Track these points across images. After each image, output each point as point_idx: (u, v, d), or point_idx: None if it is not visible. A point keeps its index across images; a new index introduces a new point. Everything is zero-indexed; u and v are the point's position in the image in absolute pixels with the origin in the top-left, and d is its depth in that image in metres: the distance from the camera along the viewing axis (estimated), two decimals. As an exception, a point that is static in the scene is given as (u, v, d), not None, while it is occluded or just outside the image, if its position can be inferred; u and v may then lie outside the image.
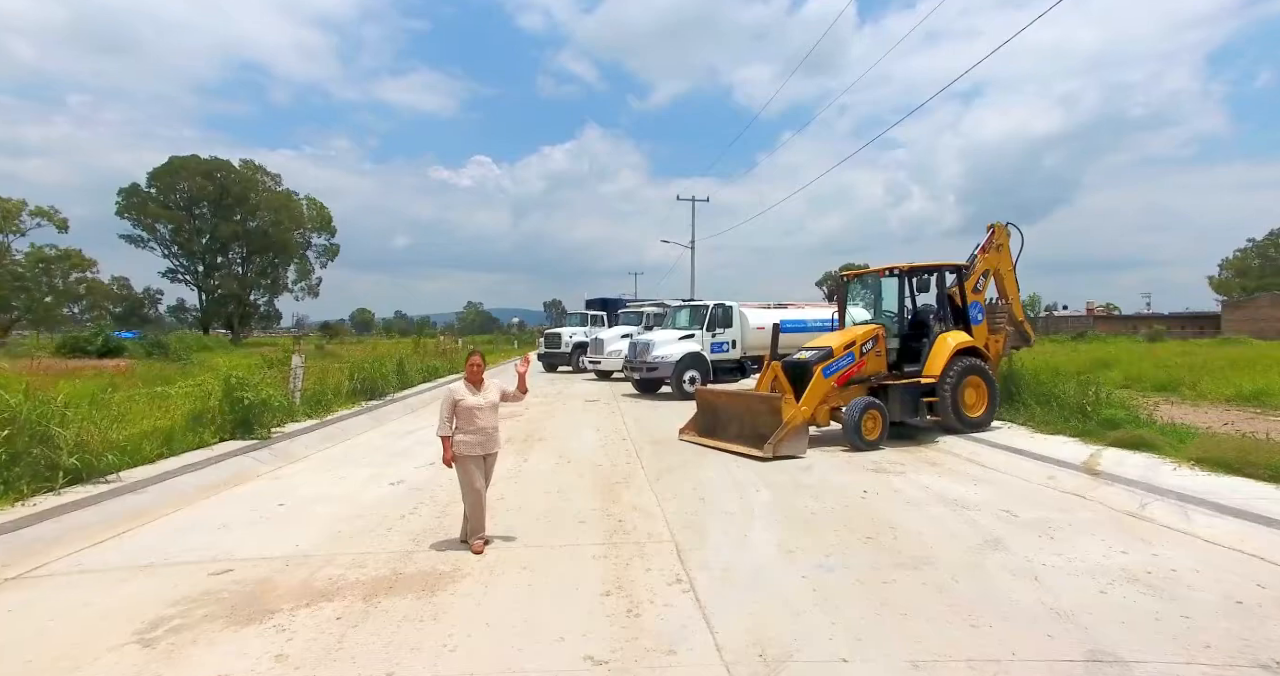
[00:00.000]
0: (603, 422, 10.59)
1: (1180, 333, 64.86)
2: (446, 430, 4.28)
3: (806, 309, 16.27)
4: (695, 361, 14.06)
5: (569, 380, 20.02)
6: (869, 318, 10.25)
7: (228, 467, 6.42)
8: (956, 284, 9.38)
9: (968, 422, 8.47)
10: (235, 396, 7.75)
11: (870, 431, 7.96)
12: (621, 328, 20.19)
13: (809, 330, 15.70)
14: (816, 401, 8.13)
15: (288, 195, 68.11)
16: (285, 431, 8.45)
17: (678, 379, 13.86)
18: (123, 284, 64.47)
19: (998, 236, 10.00)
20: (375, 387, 12.87)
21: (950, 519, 4.85)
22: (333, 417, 9.93)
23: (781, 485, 6.05)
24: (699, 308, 14.84)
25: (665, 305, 20.64)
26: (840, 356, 8.36)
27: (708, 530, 4.63)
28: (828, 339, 8.85)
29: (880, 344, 8.69)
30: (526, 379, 4.66)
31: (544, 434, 9.42)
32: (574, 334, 23.31)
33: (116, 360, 28.44)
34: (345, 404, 11.50)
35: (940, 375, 8.47)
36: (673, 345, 14.10)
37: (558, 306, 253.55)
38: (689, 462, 7.19)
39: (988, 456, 7.24)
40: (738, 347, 14.80)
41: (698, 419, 8.98)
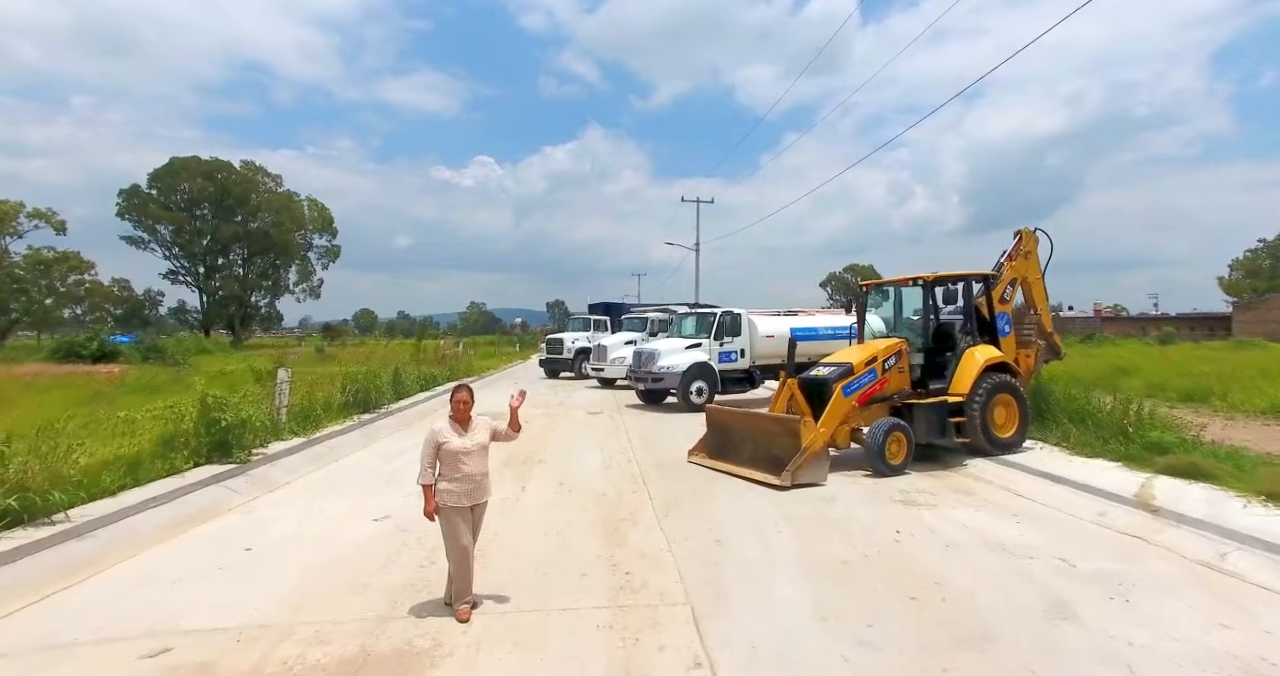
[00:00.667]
0: (606, 440, 10.03)
1: (1190, 334, 64.09)
2: (428, 477, 3.73)
3: (817, 315, 15.69)
4: (702, 372, 13.49)
5: (571, 387, 19.47)
6: (883, 328, 9.69)
7: (196, 500, 5.87)
8: (983, 293, 8.80)
9: (998, 444, 7.88)
10: (212, 418, 7.21)
11: (895, 455, 7.39)
12: (625, 334, 19.63)
13: (820, 338, 15.13)
14: (836, 422, 7.56)
15: (289, 196, 67.75)
16: (268, 452, 7.91)
17: (684, 390, 13.30)
18: (123, 285, 64.14)
19: (1026, 243, 9.42)
20: (369, 400, 12.33)
21: (1001, 571, 4.28)
22: (321, 435, 9.39)
23: (804, 521, 5.49)
24: (706, 315, 14.27)
25: (670, 311, 20.08)
26: (861, 373, 7.78)
27: (727, 587, 4.06)
28: (847, 354, 8.27)
29: (903, 360, 8.11)
30: (520, 414, 4.09)
31: (544, 454, 8.86)
32: (576, 339, 22.76)
33: (110, 366, 27.99)
34: (337, 418, 10.96)
35: (969, 393, 7.89)
36: (679, 355, 13.53)
37: (560, 307, 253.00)
38: (700, 492, 6.62)
39: (1024, 484, 6.66)
40: (746, 357, 14.22)
41: (708, 439, 8.41)
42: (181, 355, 31.81)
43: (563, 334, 23.57)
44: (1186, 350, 37.91)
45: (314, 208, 70.36)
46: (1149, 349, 39.25)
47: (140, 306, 66.12)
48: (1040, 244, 9.62)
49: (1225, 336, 69.83)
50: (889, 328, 9.18)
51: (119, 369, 25.84)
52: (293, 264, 69.51)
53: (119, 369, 25.84)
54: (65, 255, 44.12)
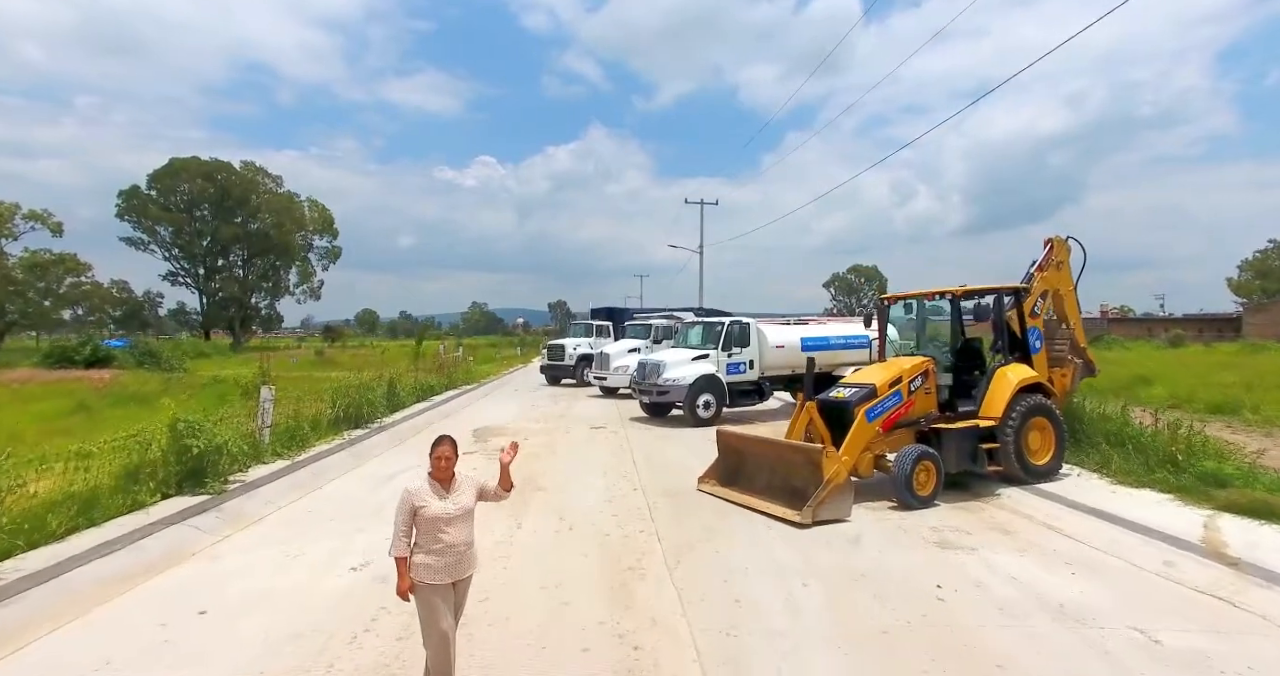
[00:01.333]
0: (609, 461, 9.45)
1: (1199, 336, 63.37)
2: (402, 549, 3.14)
3: (829, 324, 15.10)
4: (710, 384, 12.90)
5: (573, 396, 18.89)
6: (894, 335, 9.09)
7: (155, 544, 5.29)
8: (1013, 306, 8.21)
9: (1033, 472, 7.29)
10: (183, 445, 6.64)
11: (923, 486, 6.80)
12: (628, 342, 19.06)
13: (831, 348, 14.55)
14: (859, 449, 6.97)
15: (289, 197, 67.31)
16: (247, 479, 7.34)
17: (691, 403, 12.71)
18: (122, 287, 63.75)
19: (1057, 253, 8.82)
20: (360, 414, 11.76)
21: (1070, 647, 3.68)
22: (306, 457, 8.82)
23: (831, 573, 4.90)
24: (713, 325, 13.68)
25: (674, 317, 19.51)
26: (886, 396, 7.19)
27: (753, 668, 3.48)
28: (870, 374, 7.67)
29: (930, 380, 7.52)
30: (511, 470, 3.51)
31: (544, 478, 8.28)
32: (578, 345, 22.19)
33: (103, 371, 27.45)
34: (326, 435, 10.41)
35: (1001, 417, 7.29)
36: (685, 366, 12.95)
37: (562, 307, 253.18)
38: (714, 531, 6.04)
39: (1070, 521, 6.06)
40: (755, 368, 13.62)
41: (719, 465, 7.82)
42: (177, 359, 31.32)
43: (564, 340, 23.00)
44: (1199, 354, 37.25)
45: (314, 208, 69.93)
46: (1161, 353, 38.60)
47: (139, 308, 65.71)
48: (1072, 253, 9.04)
49: (1234, 338, 69.02)
50: (917, 345, 8.58)
51: (110, 375, 25.31)
52: (293, 265, 69.07)
53: (110, 375, 25.31)
54: (62, 257, 43.69)
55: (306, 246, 69.35)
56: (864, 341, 15.00)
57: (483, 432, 12.05)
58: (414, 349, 29.04)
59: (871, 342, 15.08)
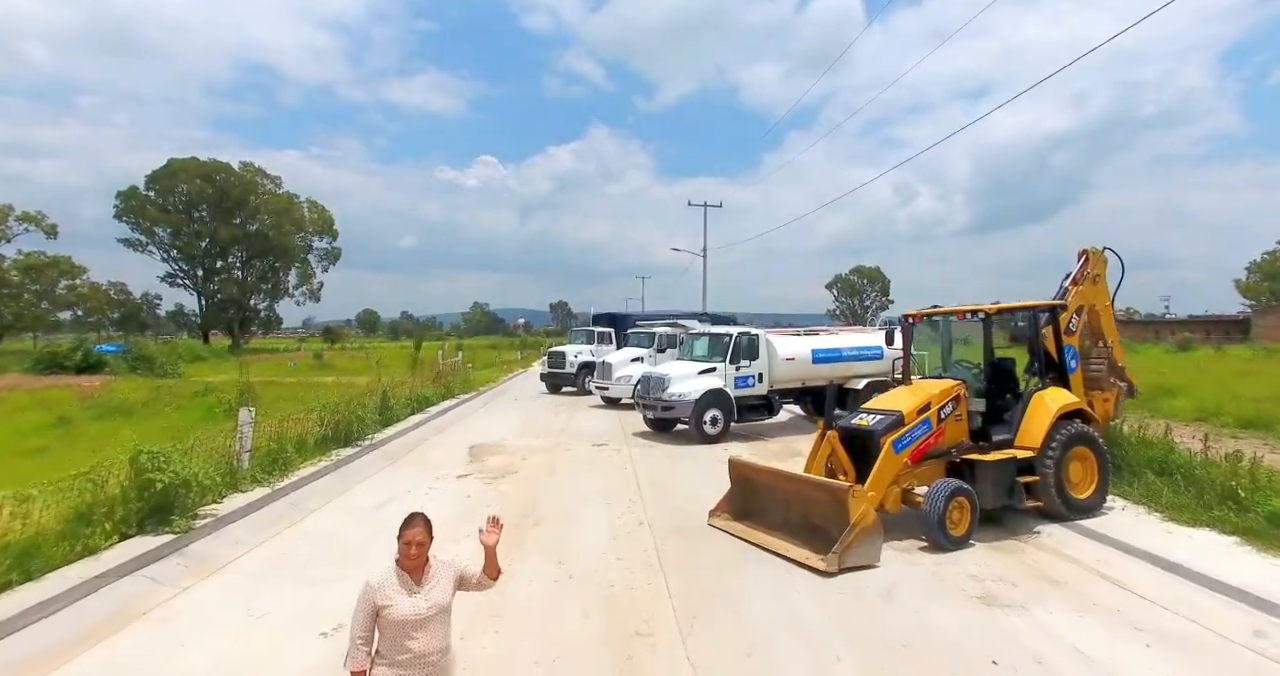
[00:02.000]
0: (613, 486, 8.84)
1: (1206, 339, 62.63)
2: (360, 660, 2.54)
3: (840, 334, 14.48)
4: (717, 399, 12.29)
5: (574, 406, 18.28)
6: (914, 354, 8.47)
7: (99, 602, 4.70)
8: (1048, 323, 7.60)
9: (1076, 507, 6.67)
10: (146, 480, 6.05)
11: (957, 525, 6.19)
12: (630, 350, 18.46)
13: (843, 360, 13.96)
14: (886, 483, 6.38)
15: (288, 198, 66.87)
16: (219, 512, 6.75)
17: (698, 419, 12.10)
18: (120, 289, 63.25)
19: (1093, 265, 8.21)
20: (350, 432, 11.17)
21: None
22: (288, 483, 8.22)
23: (869, 641, 4.29)
24: (720, 337, 13.07)
25: (678, 324, 18.92)
26: (914, 424, 6.59)
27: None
28: (896, 399, 7.06)
29: (961, 406, 6.91)
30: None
31: (541, 509, 7.68)
32: (580, 353, 21.59)
33: (94, 377, 26.88)
34: (313, 455, 9.82)
35: (1040, 448, 6.68)
36: (691, 381, 12.34)
37: (563, 308, 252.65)
38: (729, 581, 5.43)
39: (1127, 570, 5.44)
40: (764, 381, 13.02)
41: (732, 497, 7.21)
42: (171, 364, 30.72)
43: (565, 347, 22.41)
44: (1212, 359, 36.51)
45: (314, 210, 69.51)
46: (1172, 357, 37.81)
47: (138, 310, 65.23)
48: (1108, 265, 8.42)
49: (1242, 341, 68.27)
50: (944, 366, 7.96)
51: (100, 382, 24.72)
52: (292, 267, 68.64)
53: (100, 382, 24.72)
54: (56, 260, 43.17)
55: (306, 248, 68.93)
56: (877, 352, 14.39)
57: (479, 451, 11.46)
58: (413, 355, 28.43)
59: (893, 360, 14.47)
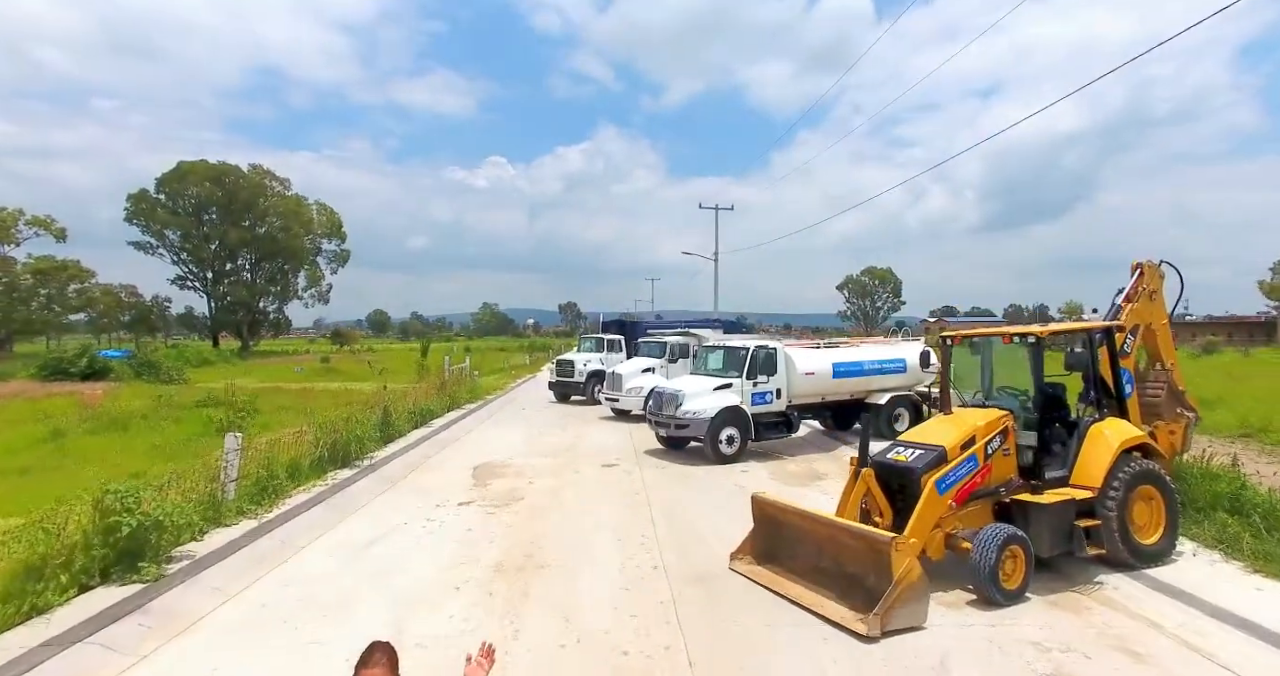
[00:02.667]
0: (624, 518, 8.22)
1: (1229, 341, 61.14)
2: None
3: (862, 347, 13.80)
4: (734, 417, 11.66)
5: (583, 418, 17.70)
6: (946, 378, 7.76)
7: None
8: (1102, 344, 6.90)
9: (1143, 555, 5.99)
10: (110, 524, 5.51)
11: (1011, 577, 5.53)
12: (641, 360, 17.85)
13: (865, 374, 13.29)
14: (929, 528, 5.73)
15: (297, 200, 66.85)
16: (196, 555, 6.22)
17: (713, 438, 11.47)
18: (130, 291, 63.41)
19: (1149, 280, 7.52)
20: (348, 452, 10.64)
21: None
22: (277, 515, 7.70)
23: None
24: (735, 351, 12.42)
25: (689, 333, 18.30)
26: (958, 461, 5.93)
27: None
28: (936, 431, 6.40)
29: (1010, 439, 6.25)
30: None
31: (548, 546, 7.08)
32: (589, 361, 21.02)
33: (98, 384, 26.60)
34: (307, 480, 9.30)
35: (1102, 487, 6.01)
36: (706, 398, 11.71)
37: (572, 309, 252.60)
38: (757, 647, 4.80)
39: (1218, 638, 4.74)
40: (783, 397, 12.37)
41: (756, 538, 6.58)
42: (177, 370, 30.49)
43: (574, 355, 21.85)
44: (1240, 363, 35.43)
45: (322, 212, 69.48)
46: (1197, 362, 36.76)
47: (148, 312, 65.41)
48: (1166, 279, 7.73)
49: (1266, 343, 66.52)
50: (985, 394, 7.27)
51: (104, 389, 24.42)
52: (301, 269, 68.62)
53: (104, 389, 24.42)
54: (64, 264, 43.16)
55: (315, 250, 68.90)
56: (900, 366, 13.72)
57: (483, 472, 10.89)
58: (419, 361, 27.95)
59: (927, 384, 13.80)
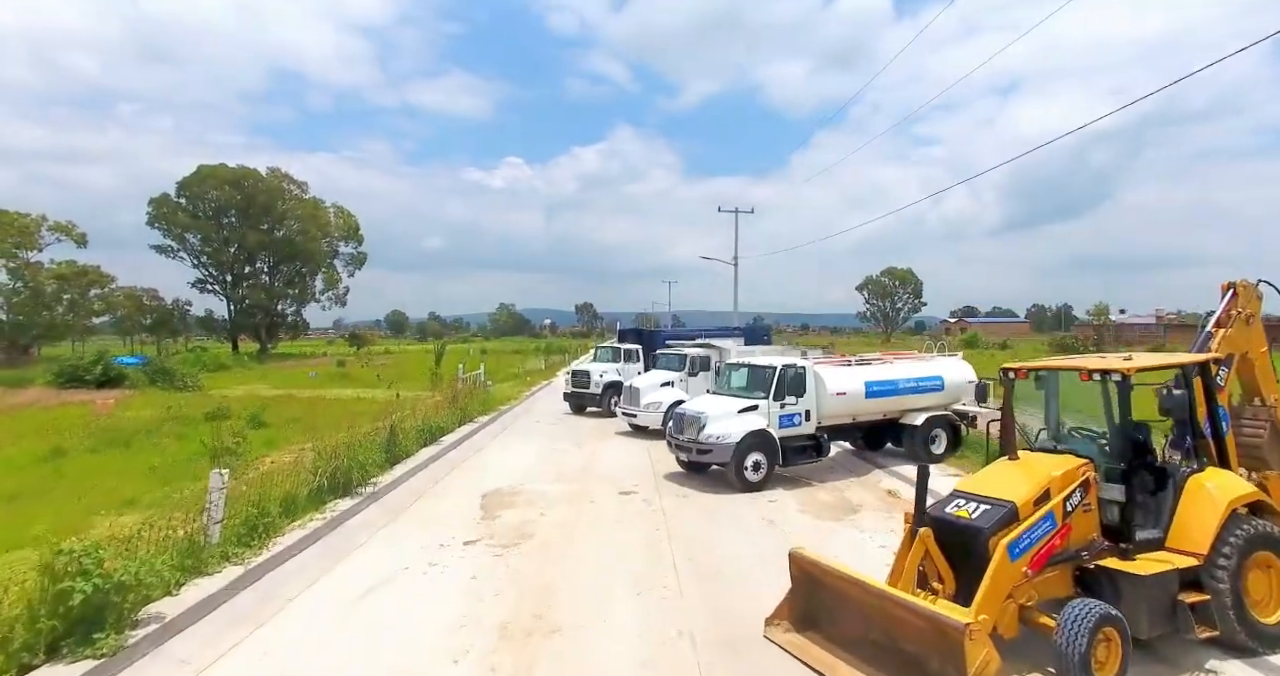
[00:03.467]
0: (644, 567, 7.44)
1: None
2: None
3: (896, 364, 12.89)
4: (760, 442, 10.83)
5: (599, 433, 16.96)
6: None
7: None
8: (1198, 375, 5.97)
9: (1264, 636, 5.06)
10: (62, 590, 4.85)
11: (1105, 666, 4.63)
12: (659, 373, 17.07)
13: (899, 393, 12.39)
14: (1000, 601, 4.87)
15: (314, 203, 67.13)
16: (166, 616, 5.56)
17: (738, 464, 10.66)
18: (152, 295, 64.07)
19: (1243, 302, 6.58)
20: (350, 479, 9.99)
21: None
22: (266, 558, 7.04)
23: None
24: (762, 370, 11.57)
25: (710, 345, 17.48)
26: (1033, 521, 5.06)
27: None
28: (1003, 481, 5.51)
29: (1092, 493, 5.37)
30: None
31: (559, 602, 6.33)
32: (605, 372, 20.28)
33: (112, 392, 26.44)
34: (303, 512, 8.66)
35: (1209, 554, 5.10)
36: (730, 421, 10.89)
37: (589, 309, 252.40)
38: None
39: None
40: (812, 419, 11.51)
41: (795, 600, 5.74)
42: (192, 377, 30.31)
43: (590, 365, 21.13)
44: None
45: (340, 215, 69.69)
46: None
47: (169, 316, 66.07)
48: (1265, 300, 6.77)
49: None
50: (1054, 437, 6.37)
51: (116, 398, 24.20)
52: (319, 272, 68.91)
53: (116, 398, 24.20)
54: (84, 269, 43.47)
55: (332, 253, 69.13)
56: (936, 384, 12.80)
57: (492, 501, 10.19)
58: (432, 369, 27.44)
59: (955, 397, 12.89)
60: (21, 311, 40.49)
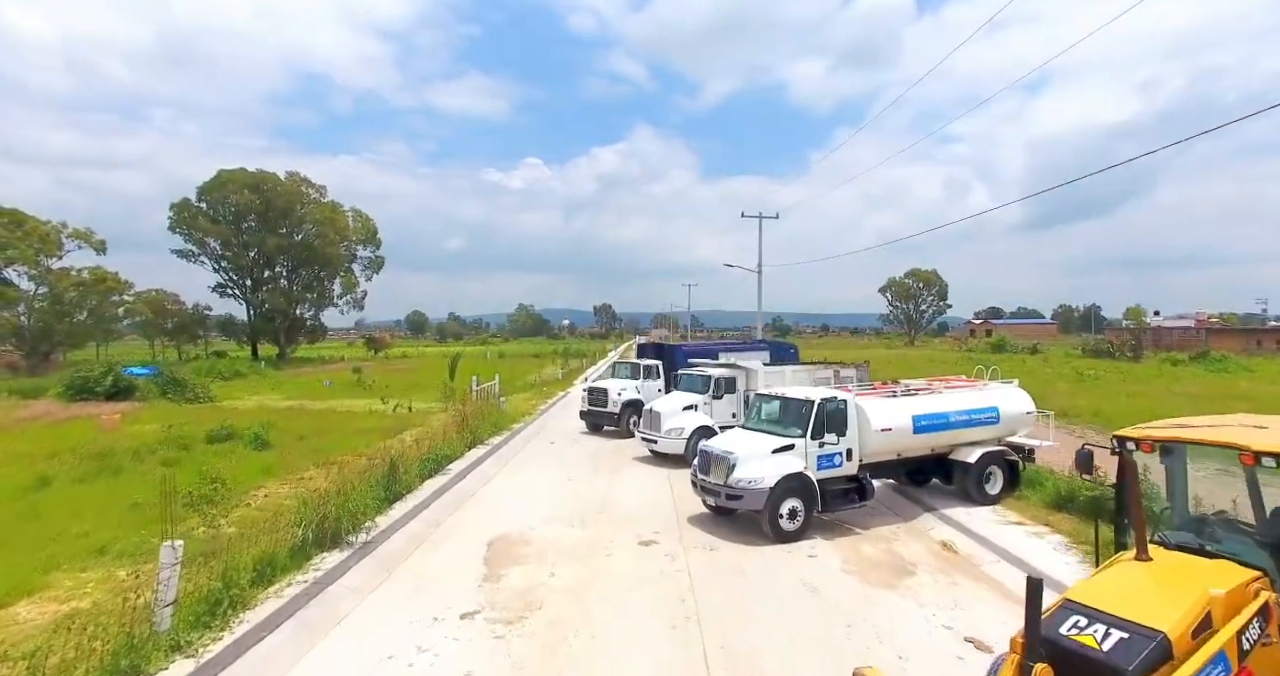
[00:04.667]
0: (667, 651, 6.31)
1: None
2: None
3: (946, 394, 11.58)
4: (797, 487, 9.64)
5: (617, 459, 15.85)
6: None
7: None
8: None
9: None
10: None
11: None
12: (682, 395, 15.91)
13: (952, 427, 11.12)
14: (1150, 771, 3.65)
15: (332, 206, 67.05)
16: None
17: (773, 512, 9.48)
18: (174, 299, 64.49)
19: None
20: (339, 528, 8.99)
21: None
22: (223, 648, 6.02)
23: None
24: (798, 404, 10.33)
25: (736, 365, 16.27)
26: (1198, 664, 3.77)
27: None
28: (1139, 595, 4.25)
29: (1273, 622, 4.10)
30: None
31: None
32: (624, 390, 19.18)
33: (120, 405, 25.96)
34: (283, 574, 7.66)
35: None
36: (763, 463, 9.71)
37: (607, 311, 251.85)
38: None
39: None
40: (854, 459, 10.29)
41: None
42: (203, 388, 29.79)
43: (607, 382, 20.04)
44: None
45: (358, 218, 69.58)
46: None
47: (190, 320, 66.51)
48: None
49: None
50: (1173, 523, 5.06)
51: (124, 411, 23.67)
52: (337, 276, 68.86)
53: (124, 411, 23.67)
54: (102, 276, 43.53)
55: (350, 257, 69.03)
56: (991, 416, 11.49)
57: (498, 552, 9.14)
58: (445, 383, 26.56)
59: (1011, 430, 11.55)
60: (43, 318, 40.57)
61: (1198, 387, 29.68)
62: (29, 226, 41.05)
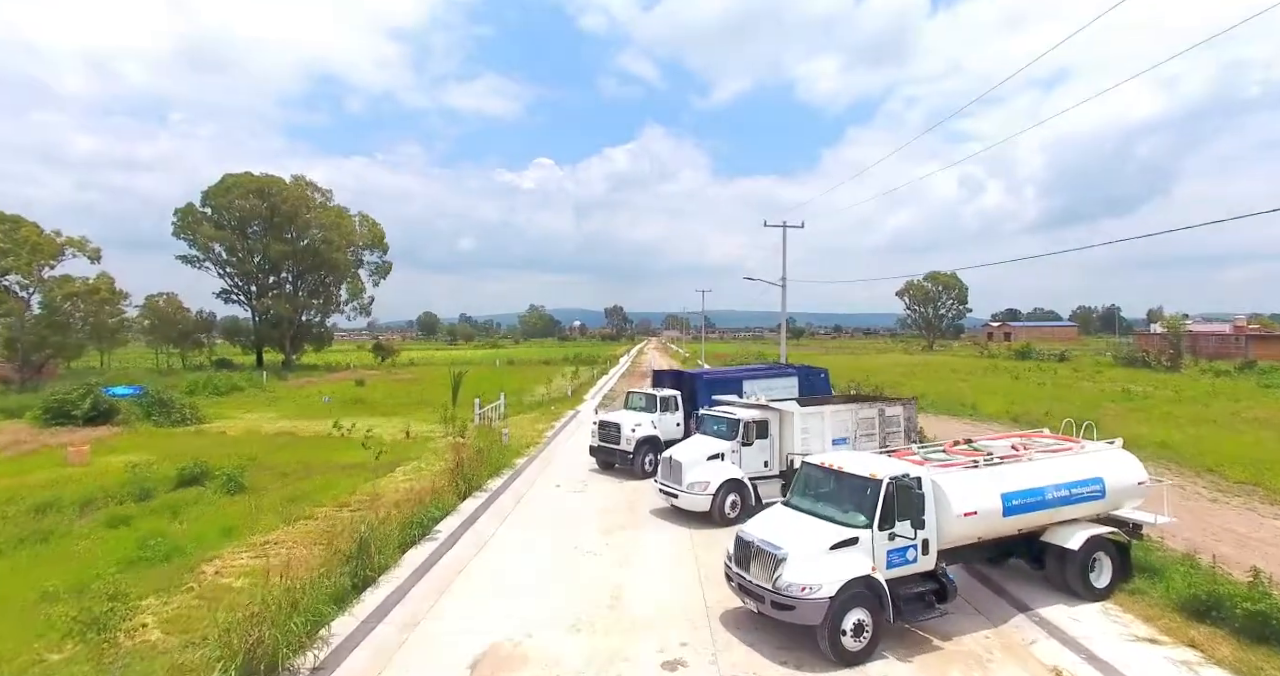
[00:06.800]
0: None
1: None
2: None
3: (1038, 460, 9.42)
4: (865, 593, 7.57)
5: (631, 511, 13.83)
6: None
7: None
8: None
9: None
10: None
11: None
12: (705, 441, 13.82)
13: (1048, 506, 9.01)
14: None
15: (338, 211, 65.61)
16: None
17: (834, 628, 7.41)
18: (177, 306, 63.29)
19: None
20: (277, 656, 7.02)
21: None
22: None
23: None
24: (862, 484, 8.16)
25: (768, 408, 14.15)
26: None
27: None
28: None
29: None
30: None
31: None
32: (639, 425, 17.12)
33: (98, 429, 24.27)
34: None
35: None
36: (820, 562, 7.63)
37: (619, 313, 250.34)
38: None
39: None
40: (930, 552, 8.18)
41: None
42: (191, 408, 28.01)
43: (620, 415, 17.99)
44: None
45: (364, 223, 68.13)
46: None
47: (194, 328, 65.33)
48: None
49: None
50: None
51: (98, 438, 21.93)
52: (343, 281, 67.45)
53: (98, 438, 21.93)
54: (96, 287, 42.14)
55: (356, 262, 67.58)
56: (1096, 490, 9.36)
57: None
58: (447, 407, 24.67)
59: (1117, 504, 9.12)
60: (35, 329, 39.24)
61: (1266, 411, 27.12)
62: (23, 234, 39.74)
